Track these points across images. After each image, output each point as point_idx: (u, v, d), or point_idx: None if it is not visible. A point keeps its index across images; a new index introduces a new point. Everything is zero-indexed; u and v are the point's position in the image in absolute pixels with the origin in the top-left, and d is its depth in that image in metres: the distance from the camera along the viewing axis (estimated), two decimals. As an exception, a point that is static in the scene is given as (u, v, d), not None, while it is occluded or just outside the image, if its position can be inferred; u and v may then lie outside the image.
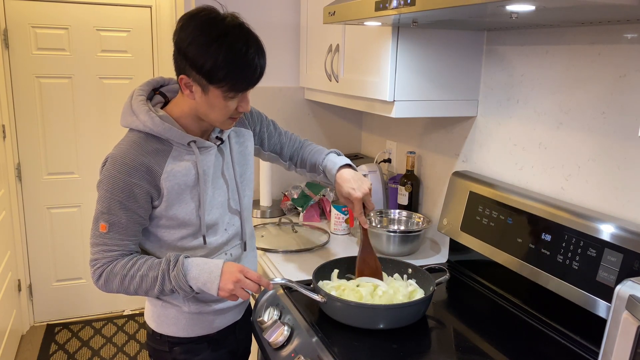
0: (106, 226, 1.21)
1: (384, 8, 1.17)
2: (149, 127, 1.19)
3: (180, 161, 1.23)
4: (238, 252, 1.41)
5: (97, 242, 1.23)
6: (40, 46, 3.12)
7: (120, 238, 1.22)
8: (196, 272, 1.21)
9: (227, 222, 1.36)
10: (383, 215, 1.93)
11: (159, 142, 1.22)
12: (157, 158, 1.21)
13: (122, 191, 1.18)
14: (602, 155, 1.29)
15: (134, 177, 1.18)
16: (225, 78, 1.13)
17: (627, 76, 1.21)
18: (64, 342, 3.21)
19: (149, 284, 1.22)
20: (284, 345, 1.27)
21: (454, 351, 1.22)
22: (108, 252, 1.22)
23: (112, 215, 1.20)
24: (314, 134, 2.40)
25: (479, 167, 1.71)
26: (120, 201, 1.19)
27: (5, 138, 3.05)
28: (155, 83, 1.32)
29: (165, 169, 1.21)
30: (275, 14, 2.24)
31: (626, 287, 0.84)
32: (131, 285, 1.22)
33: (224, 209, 1.34)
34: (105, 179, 1.20)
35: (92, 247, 1.24)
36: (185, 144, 1.23)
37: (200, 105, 1.20)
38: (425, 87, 1.59)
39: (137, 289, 1.23)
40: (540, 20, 1.26)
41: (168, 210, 1.24)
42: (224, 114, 1.21)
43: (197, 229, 1.29)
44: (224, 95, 1.16)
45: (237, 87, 1.16)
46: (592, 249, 1.19)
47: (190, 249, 1.30)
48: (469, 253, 1.63)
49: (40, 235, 3.30)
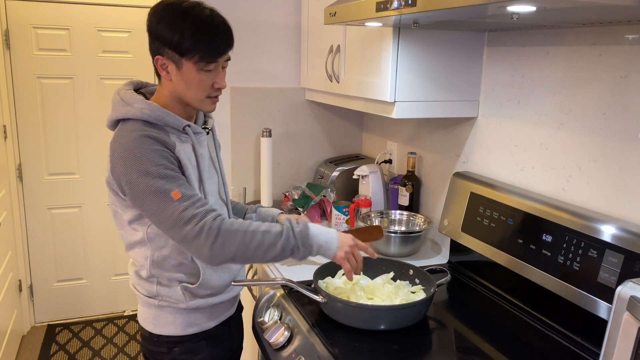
0: (175, 191, 1.15)
1: (385, 9, 1.17)
2: (146, 113, 1.20)
3: (178, 146, 1.23)
4: None
5: (182, 206, 1.14)
6: (42, 47, 3.13)
7: (195, 191, 1.20)
8: (317, 231, 1.23)
9: (219, 212, 1.36)
10: (384, 216, 1.93)
11: (156, 129, 1.22)
12: (162, 143, 1.20)
13: (160, 159, 1.16)
14: (603, 156, 1.29)
15: (157, 144, 1.17)
16: (194, 47, 1.17)
17: (628, 77, 1.21)
18: (65, 343, 3.21)
19: (272, 240, 1.18)
20: (284, 346, 1.28)
21: (455, 352, 1.22)
22: (201, 205, 1.17)
23: (169, 179, 1.15)
24: (314, 135, 2.40)
25: (479, 168, 1.71)
26: (165, 166, 1.16)
27: (7, 138, 3.05)
28: (135, 84, 1.34)
29: (176, 146, 1.21)
30: (276, 15, 2.24)
31: (627, 288, 0.84)
32: (252, 242, 1.17)
33: (216, 198, 1.36)
34: (134, 162, 1.14)
35: (180, 219, 1.14)
36: (180, 129, 1.25)
37: (177, 84, 1.23)
38: (426, 88, 1.59)
39: (257, 247, 1.18)
40: (541, 21, 1.26)
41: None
42: (201, 89, 1.23)
43: None
44: (196, 67, 1.19)
45: (207, 56, 1.19)
46: (593, 250, 1.19)
47: None
48: (470, 254, 1.62)
49: (41, 236, 3.30)
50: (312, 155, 2.42)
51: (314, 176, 2.40)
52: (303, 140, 2.39)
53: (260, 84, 2.27)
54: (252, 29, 2.20)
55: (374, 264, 1.50)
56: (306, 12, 2.20)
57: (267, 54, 2.26)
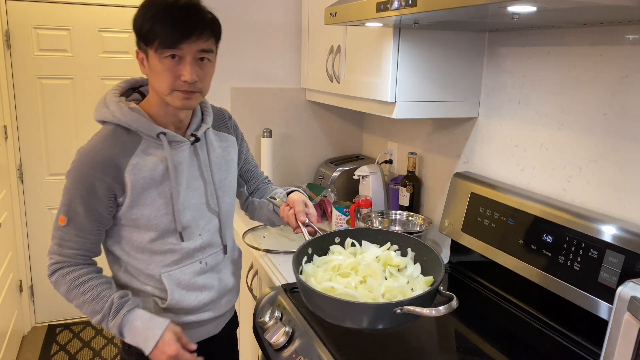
0: (65, 219, 1.18)
1: (385, 9, 1.17)
2: (117, 117, 1.17)
3: (148, 155, 1.19)
4: (216, 260, 1.35)
5: (55, 234, 1.21)
6: (42, 47, 3.13)
7: (77, 234, 1.19)
8: (139, 325, 1.17)
9: (202, 227, 1.30)
10: (384, 216, 1.93)
11: (128, 135, 1.19)
12: (125, 151, 1.17)
13: (84, 184, 1.15)
14: (603, 157, 1.29)
15: (97, 170, 1.15)
16: (152, 31, 1.10)
17: (628, 77, 1.21)
18: (65, 343, 3.21)
19: (89, 313, 1.19)
20: (285, 346, 1.27)
21: (455, 352, 1.22)
22: (65, 247, 1.21)
23: (71, 208, 1.17)
24: (315, 136, 2.40)
25: (480, 168, 1.71)
26: (81, 195, 1.16)
27: (7, 139, 3.05)
28: (134, 82, 1.31)
29: (130, 161, 1.17)
30: (277, 15, 2.24)
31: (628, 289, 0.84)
32: (74, 301, 1.21)
33: (198, 213, 1.28)
34: (70, 171, 1.17)
35: (51, 239, 1.22)
36: (154, 136, 1.19)
37: (150, 77, 1.18)
38: (427, 88, 1.59)
39: (78, 307, 1.21)
40: (542, 21, 1.26)
41: (133, 208, 1.19)
42: (166, 80, 1.13)
43: (165, 232, 1.23)
44: (159, 55, 1.11)
45: (166, 41, 1.10)
46: (593, 250, 1.19)
47: (161, 254, 1.25)
48: (470, 254, 1.62)
49: (42, 236, 3.30)
50: (312, 155, 2.42)
51: (315, 176, 2.40)
52: (303, 141, 2.39)
53: (260, 84, 2.27)
54: (252, 29, 2.21)
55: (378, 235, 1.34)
56: (306, 12, 2.20)
57: (267, 54, 2.26)
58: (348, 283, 1.14)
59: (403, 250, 1.29)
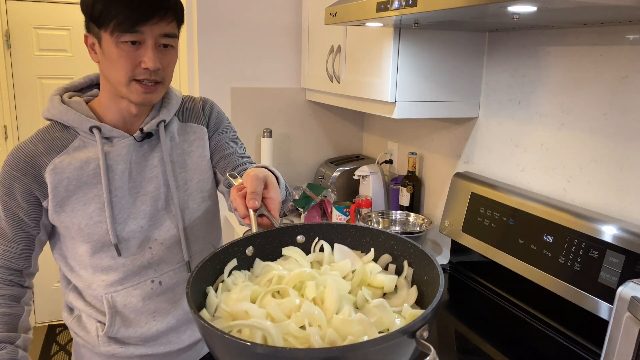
0: None
1: (385, 9, 1.17)
2: (49, 112, 1.07)
3: (79, 152, 1.04)
4: (175, 280, 1.13)
5: None
6: (42, 47, 3.13)
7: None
8: None
9: (154, 239, 1.10)
10: (384, 216, 1.93)
11: (62, 131, 1.06)
12: (51, 148, 1.04)
13: (3, 185, 1.04)
14: (604, 157, 1.29)
15: (17, 169, 1.02)
16: (106, 12, 0.95)
17: (629, 77, 1.21)
18: (65, 343, 3.21)
19: None
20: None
21: (455, 352, 1.22)
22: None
23: None
24: (315, 136, 2.40)
25: (480, 168, 1.71)
26: (1, 197, 1.05)
27: (7, 139, 3.05)
28: (95, 78, 1.17)
29: (53, 160, 1.03)
30: (277, 15, 2.24)
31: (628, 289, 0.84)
32: None
33: (150, 222, 1.09)
34: None
35: None
36: (86, 130, 1.04)
37: (102, 65, 1.02)
38: (427, 88, 1.59)
39: None
40: (542, 21, 1.26)
41: (60, 214, 1.04)
42: (123, 68, 0.98)
43: (101, 244, 1.06)
44: (114, 39, 0.96)
45: (124, 23, 0.95)
46: (594, 251, 1.19)
47: (101, 270, 1.08)
48: (471, 254, 1.62)
49: (42, 236, 3.30)
50: (312, 155, 2.42)
51: (315, 176, 2.40)
52: (303, 141, 2.39)
53: (260, 84, 2.27)
54: (252, 29, 2.20)
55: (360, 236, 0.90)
56: (306, 12, 2.20)
57: (267, 54, 2.26)
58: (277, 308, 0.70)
59: (399, 263, 0.85)
